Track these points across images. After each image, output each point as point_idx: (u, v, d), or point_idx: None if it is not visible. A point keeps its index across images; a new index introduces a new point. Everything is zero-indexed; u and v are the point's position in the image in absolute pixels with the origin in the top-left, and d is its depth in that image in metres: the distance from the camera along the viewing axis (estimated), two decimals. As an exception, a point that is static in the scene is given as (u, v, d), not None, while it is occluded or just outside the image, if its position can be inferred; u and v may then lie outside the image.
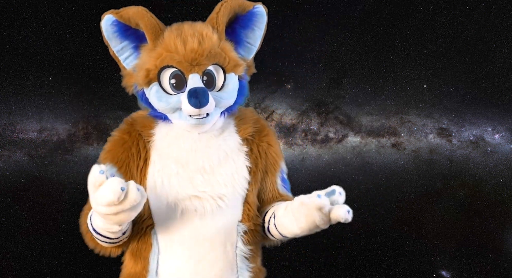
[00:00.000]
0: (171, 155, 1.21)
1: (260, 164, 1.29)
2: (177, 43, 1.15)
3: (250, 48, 1.31)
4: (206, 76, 1.19)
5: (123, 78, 1.31)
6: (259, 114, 1.39)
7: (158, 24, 1.21)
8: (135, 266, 1.27)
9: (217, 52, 1.18)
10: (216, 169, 1.20)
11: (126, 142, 1.25)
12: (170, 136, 1.24)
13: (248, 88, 1.34)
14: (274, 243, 1.40)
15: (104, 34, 1.25)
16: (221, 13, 1.21)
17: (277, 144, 1.35)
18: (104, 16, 1.23)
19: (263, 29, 1.30)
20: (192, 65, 1.16)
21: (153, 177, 1.21)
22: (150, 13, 1.21)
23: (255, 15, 1.27)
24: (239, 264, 1.24)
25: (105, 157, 1.26)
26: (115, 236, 1.15)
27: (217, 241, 1.21)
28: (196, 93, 1.11)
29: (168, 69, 1.18)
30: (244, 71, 1.27)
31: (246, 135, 1.28)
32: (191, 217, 1.20)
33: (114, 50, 1.28)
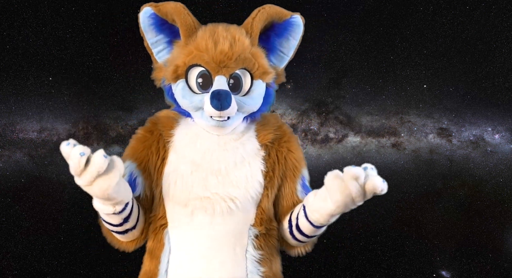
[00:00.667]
0: (187, 156, 1.22)
1: (278, 169, 1.28)
2: (208, 43, 1.16)
3: (282, 57, 1.31)
4: (233, 79, 1.19)
5: (154, 70, 1.32)
6: (282, 121, 1.38)
7: (193, 22, 1.22)
8: (150, 264, 1.28)
9: (246, 57, 1.18)
10: (231, 171, 1.20)
11: (148, 140, 1.27)
12: (189, 136, 1.25)
13: (274, 96, 1.33)
14: (297, 251, 1.37)
15: (140, 25, 1.26)
16: (256, 19, 1.22)
17: (298, 151, 1.33)
18: (143, 8, 1.24)
19: (298, 39, 1.31)
20: (220, 67, 1.17)
21: (168, 177, 1.22)
22: (187, 10, 1.22)
23: (292, 25, 1.28)
24: (249, 267, 1.23)
25: (127, 153, 1.29)
26: (115, 222, 1.15)
27: (226, 243, 1.21)
28: (218, 95, 1.11)
29: (196, 67, 1.19)
30: (273, 80, 1.27)
31: (265, 142, 1.27)
32: (201, 217, 1.20)
33: (148, 42, 1.29)
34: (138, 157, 1.26)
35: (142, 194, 1.27)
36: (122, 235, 1.25)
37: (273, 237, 1.29)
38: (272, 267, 1.29)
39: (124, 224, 1.18)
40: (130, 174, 1.26)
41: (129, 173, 1.26)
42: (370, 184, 0.97)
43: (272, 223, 1.29)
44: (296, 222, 1.24)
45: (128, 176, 1.25)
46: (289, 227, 1.28)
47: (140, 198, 1.27)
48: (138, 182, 1.26)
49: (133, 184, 1.25)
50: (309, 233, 1.24)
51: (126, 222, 1.18)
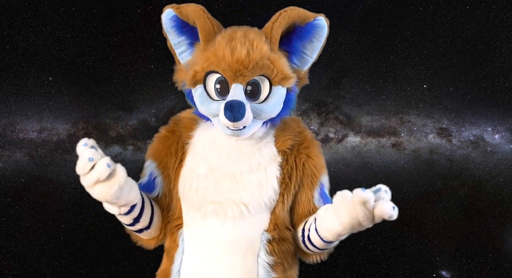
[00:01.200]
0: (204, 158, 1.22)
1: (295, 176, 1.25)
2: (226, 51, 1.14)
3: (306, 59, 1.28)
4: (251, 86, 1.17)
5: (175, 72, 1.31)
6: (305, 126, 1.35)
7: (213, 26, 1.20)
8: (166, 263, 1.30)
9: (265, 64, 1.16)
10: (246, 176, 1.19)
11: (169, 140, 1.29)
12: (208, 140, 1.25)
13: (295, 100, 1.31)
14: (313, 259, 1.36)
15: (163, 26, 1.26)
16: (277, 24, 1.19)
17: (318, 157, 1.30)
18: (165, 9, 1.24)
19: (322, 41, 1.27)
20: (236, 75, 1.15)
21: (184, 179, 1.23)
22: (207, 13, 1.21)
23: (315, 27, 1.24)
24: (260, 273, 1.22)
25: (149, 152, 1.31)
26: (126, 221, 1.18)
27: (237, 247, 1.21)
28: (231, 107, 1.10)
29: (214, 74, 1.18)
30: (294, 83, 1.25)
31: (284, 148, 1.25)
32: (212, 221, 1.20)
33: (171, 43, 1.29)
34: (158, 157, 1.28)
35: (161, 194, 1.29)
36: (138, 233, 1.27)
37: (288, 242, 1.28)
38: (286, 273, 1.28)
39: (135, 224, 1.20)
40: (150, 173, 1.28)
41: (149, 173, 1.28)
42: (378, 210, 0.95)
43: (287, 230, 1.28)
44: (308, 233, 1.23)
45: (148, 176, 1.28)
46: (302, 236, 1.27)
47: (159, 197, 1.29)
48: (157, 182, 1.28)
49: (152, 184, 1.28)
50: (320, 246, 1.23)
51: (137, 222, 1.19)
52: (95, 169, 0.94)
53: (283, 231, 1.26)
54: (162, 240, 1.33)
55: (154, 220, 1.25)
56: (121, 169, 1.00)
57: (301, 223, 1.29)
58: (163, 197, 1.29)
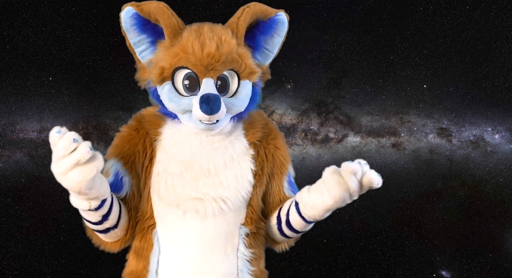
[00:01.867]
0: (176, 156, 1.20)
1: (266, 167, 1.28)
2: (195, 46, 1.14)
3: (267, 54, 1.30)
4: (220, 81, 1.18)
5: (137, 71, 1.30)
6: (268, 118, 1.37)
7: (178, 22, 1.20)
8: (137, 264, 1.27)
9: (234, 58, 1.17)
10: (221, 171, 1.19)
11: (133, 139, 1.25)
12: (177, 137, 1.23)
13: (260, 95, 1.32)
14: (282, 247, 1.39)
15: (122, 25, 1.23)
16: (242, 18, 1.21)
17: (284, 147, 1.33)
18: (125, 8, 1.21)
19: (283, 36, 1.30)
20: (207, 70, 1.15)
21: (157, 177, 1.21)
22: (170, 10, 1.20)
23: (277, 23, 1.27)
24: (240, 266, 1.23)
25: (111, 152, 1.25)
26: (94, 219, 1.12)
27: (218, 243, 1.21)
28: (208, 100, 1.10)
29: (182, 69, 1.17)
30: (259, 78, 1.26)
31: (254, 140, 1.27)
32: (192, 218, 1.19)
33: (131, 42, 1.26)
34: (124, 156, 1.23)
35: (129, 193, 1.25)
36: (104, 234, 1.22)
37: (262, 235, 1.30)
38: (259, 266, 1.30)
39: (103, 223, 1.15)
40: (117, 173, 1.23)
41: (115, 172, 1.23)
42: (367, 179, 1.03)
43: (261, 222, 1.30)
44: (286, 218, 1.25)
45: (114, 176, 1.23)
46: (277, 223, 1.29)
47: (127, 197, 1.25)
48: (124, 181, 1.23)
49: (119, 183, 1.23)
50: (300, 228, 1.25)
51: (105, 220, 1.14)
52: (77, 151, 0.91)
53: (258, 224, 1.28)
54: (127, 242, 1.29)
55: (121, 219, 1.21)
56: (101, 155, 0.97)
57: (273, 212, 1.31)
58: (131, 197, 1.25)
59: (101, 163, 0.96)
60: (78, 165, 0.93)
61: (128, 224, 1.25)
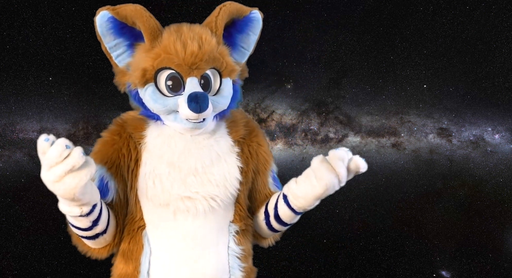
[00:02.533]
0: (163, 156, 1.20)
1: (251, 164, 1.30)
2: (177, 46, 1.14)
3: (243, 52, 1.32)
4: (203, 80, 1.18)
5: (115, 75, 1.30)
6: (248, 115, 1.41)
7: (156, 24, 1.19)
8: (126, 267, 1.26)
9: (215, 57, 1.18)
10: (208, 169, 1.19)
11: (116, 143, 1.23)
12: (162, 138, 1.22)
13: (241, 92, 1.34)
14: (269, 242, 1.42)
15: (97, 29, 1.21)
16: (220, 17, 1.21)
17: (266, 144, 1.36)
18: (100, 12, 1.19)
19: (257, 34, 1.32)
20: (191, 69, 1.15)
21: (145, 178, 1.20)
22: (148, 12, 1.19)
23: (251, 21, 1.29)
24: (231, 264, 1.25)
25: (94, 157, 1.20)
26: (84, 225, 1.12)
27: (210, 241, 1.21)
28: (196, 98, 1.10)
29: (165, 70, 1.17)
30: (238, 76, 1.28)
31: (238, 137, 1.29)
32: (183, 217, 1.20)
33: (106, 46, 1.24)
34: (108, 161, 1.22)
35: (115, 198, 1.24)
36: (93, 240, 1.21)
37: (250, 232, 1.32)
38: (249, 262, 1.32)
39: (93, 228, 1.14)
40: (101, 178, 1.22)
41: (100, 178, 1.22)
42: (353, 164, 1.09)
43: (249, 219, 1.31)
44: (274, 212, 1.27)
45: (99, 181, 1.22)
46: (265, 218, 1.31)
47: (113, 202, 1.24)
48: (110, 186, 1.22)
49: (105, 189, 1.22)
50: (289, 220, 1.27)
51: (95, 226, 1.14)
52: (70, 156, 0.91)
53: (246, 220, 1.29)
54: (115, 247, 1.28)
55: (110, 224, 1.20)
56: (91, 159, 0.97)
57: (260, 208, 1.34)
58: (117, 201, 1.24)
59: (93, 168, 0.97)
60: (72, 171, 0.93)
61: (116, 229, 1.25)
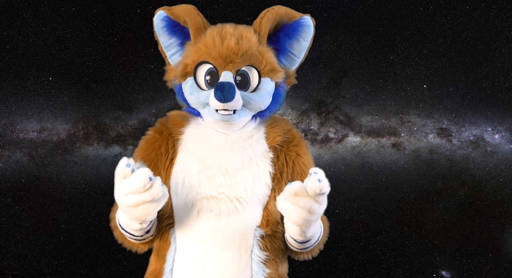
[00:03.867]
0: (196, 154, 1.22)
1: (286, 172, 1.27)
2: (216, 40, 1.18)
3: (293, 58, 1.31)
4: (240, 76, 1.20)
5: (166, 72, 1.34)
6: (293, 125, 1.38)
7: (203, 22, 1.24)
8: (156, 263, 1.28)
9: (253, 54, 1.19)
10: (238, 172, 1.20)
11: (157, 141, 1.28)
12: (199, 135, 1.26)
13: (284, 97, 1.33)
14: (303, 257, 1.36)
15: (154, 28, 1.29)
16: (265, 19, 1.23)
17: (307, 155, 1.32)
18: (157, 12, 1.28)
19: (309, 41, 1.30)
20: (226, 62, 1.17)
21: (176, 176, 1.23)
22: (197, 11, 1.25)
23: (301, 26, 1.28)
24: (254, 268, 1.22)
25: (136, 154, 1.29)
26: (138, 234, 1.17)
27: (231, 243, 1.20)
28: (222, 87, 1.11)
29: (204, 65, 1.20)
30: (283, 79, 1.27)
31: (274, 144, 1.27)
32: (206, 217, 1.20)
33: (162, 45, 1.32)
34: (148, 159, 1.26)
35: None
36: (139, 241, 1.26)
37: (279, 239, 1.28)
38: (277, 269, 1.28)
39: (147, 233, 1.21)
40: None
41: None
42: (309, 190, 0.98)
43: (279, 226, 1.27)
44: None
45: None
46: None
47: None
48: None
49: None
50: (297, 247, 1.25)
51: (147, 233, 1.20)
52: (153, 189, 0.96)
53: (275, 227, 1.26)
54: (153, 241, 1.32)
55: (154, 224, 1.25)
56: (165, 187, 1.01)
57: None
58: None
59: (167, 197, 1.02)
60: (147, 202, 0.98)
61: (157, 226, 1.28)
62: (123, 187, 0.98)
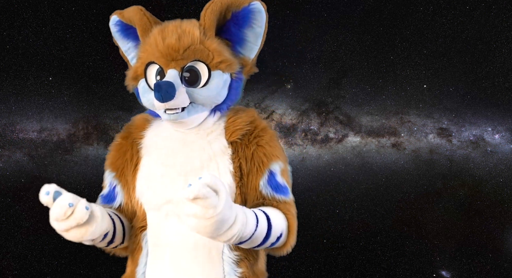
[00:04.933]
0: (156, 157, 1.20)
1: (245, 166, 1.21)
2: (157, 39, 1.16)
3: (250, 46, 1.26)
4: (188, 73, 1.16)
5: (126, 77, 1.31)
6: (259, 115, 1.31)
7: (150, 21, 1.22)
8: (131, 266, 1.28)
9: (197, 48, 1.15)
10: (198, 172, 1.16)
11: (123, 147, 1.27)
12: (157, 137, 1.24)
13: (242, 87, 1.29)
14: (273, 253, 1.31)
15: (112, 34, 1.30)
16: (209, 10, 1.18)
17: (270, 146, 1.24)
18: (111, 17, 1.29)
19: (263, 27, 1.24)
20: (169, 60, 1.15)
21: (141, 181, 1.21)
22: (145, 11, 1.22)
23: (252, 12, 1.21)
24: (226, 269, 1.20)
25: (106, 162, 1.29)
26: (101, 246, 1.18)
27: (201, 245, 1.18)
28: (158, 87, 1.08)
29: (152, 65, 1.18)
30: (238, 70, 1.23)
31: (234, 138, 1.21)
32: (174, 220, 1.18)
33: (122, 50, 1.32)
34: (115, 166, 1.26)
35: (123, 202, 1.27)
36: (114, 248, 1.26)
37: None
38: (251, 267, 1.25)
39: (109, 245, 1.20)
40: (110, 183, 1.27)
41: (109, 183, 1.27)
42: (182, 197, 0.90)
43: None
44: None
45: (108, 186, 1.27)
46: None
47: (121, 206, 1.27)
48: (117, 191, 1.26)
49: (112, 194, 1.26)
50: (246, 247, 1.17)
51: (111, 243, 1.19)
52: (74, 214, 0.96)
53: None
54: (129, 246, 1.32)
55: (126, 232, 1.25)
56: (97, 208, 1.01)
57: None
58: (125, 205, 1.27)
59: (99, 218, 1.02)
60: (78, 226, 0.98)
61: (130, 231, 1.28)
62: (51, 215, 0.98)
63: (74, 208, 0.96)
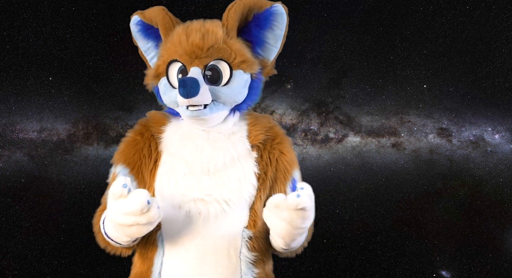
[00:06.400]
0: (180, 154, 1.21)
1: (270, 171, 1.25)
2: (181, 37, 1.17)
3: (270, 48, 1.28)
4: (210, 71, 1.18)
5: (145, 76, 1.32)
6: (275, 122, 1.35)
7: (172, 21, 1.23)
8: (141, 266, 1.27)
9: (220, 47, 1.17)
10: (221, 171, 1.18)
11: (139, 143, 1.26)
12: (179, 134, 1.24)
13: (261, 88, 1.30)
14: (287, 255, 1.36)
15: (132, 34, 1.31)
16: (232, 11, 1.20)
17: (290, 153, 1.30)
18: (132, 17, 1.30)
19: (283, 29, 1.26)
20: (192, 58, 1.16)
21: (161, 178, 1.21)
22: (166, 10, 1.24)
23: (273, 14, 1.23)
24: (243, 269, 1.21)
25: (118, 158, 1.26)
26: (124, 243, 1.16)
27: (220, 245, 1.19)
28: (183, 83, 1.09)
29: (175, 63, 1.19)
30: (259, 71, 1.25)
31: (256, 142, 1.25)
32: (195, 219, 1.18)
33: (142, 50, 1.33)
34: (131, 162, 1.24)
35: None
36: (124, 246, 1.25)
37: (266, 239, 1.27)
38: (265, 268, 1.28)
39: (131, 243, 1.20)
40: None
41: None
42: (288, 204, 1.03)
43: (265, 225, 1.26)
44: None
45: None
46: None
47: None
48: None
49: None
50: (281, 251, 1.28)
51: (133, 242, 1.19)
52: (149, 212, 0.98)
53: (260, 227, 1.25)
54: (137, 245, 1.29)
55: None
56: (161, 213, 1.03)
57: None
58: None
59: (160, 219, 1.05)
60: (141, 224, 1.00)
61: None
62: (119, 206, 0.98)
63: (150, 206, 0.97)
